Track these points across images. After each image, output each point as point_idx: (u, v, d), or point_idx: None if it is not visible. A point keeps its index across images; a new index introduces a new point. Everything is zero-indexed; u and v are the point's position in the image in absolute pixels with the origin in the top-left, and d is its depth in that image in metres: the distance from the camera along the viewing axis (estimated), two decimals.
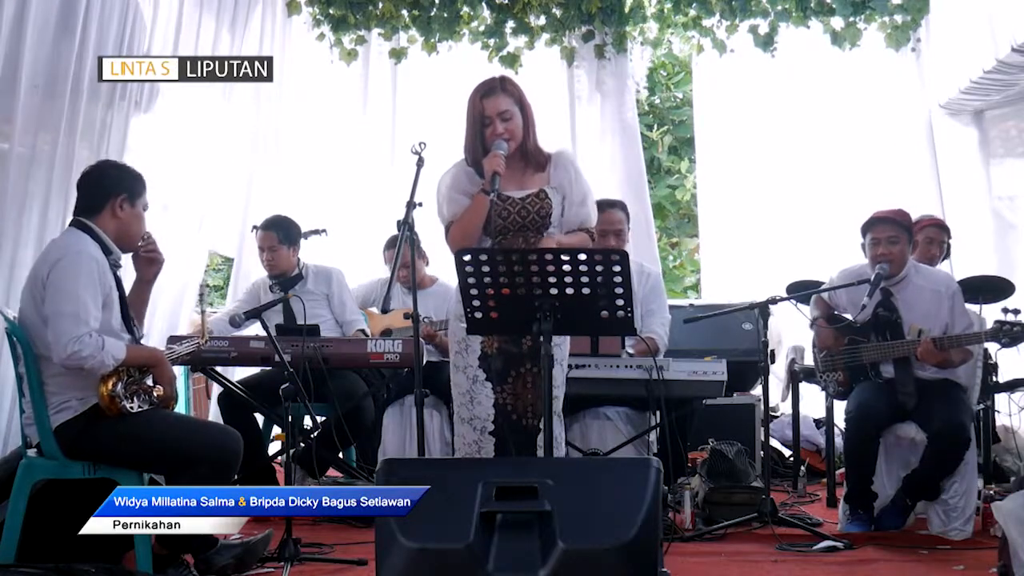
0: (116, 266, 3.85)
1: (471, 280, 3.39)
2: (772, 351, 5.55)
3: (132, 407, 3.67)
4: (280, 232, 5.66)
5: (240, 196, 7.07)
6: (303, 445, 4.92)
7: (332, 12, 7.48)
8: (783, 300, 4.84)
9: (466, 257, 3.40)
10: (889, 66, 7.35)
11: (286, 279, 5.67)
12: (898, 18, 7.26)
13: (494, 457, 3.81)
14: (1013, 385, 5.90)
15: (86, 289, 3.63)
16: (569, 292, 3.35)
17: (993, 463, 5.70)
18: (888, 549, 4.43)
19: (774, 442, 6.21)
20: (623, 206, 5.11)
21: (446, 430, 5.15)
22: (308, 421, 4.85)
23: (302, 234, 5.77)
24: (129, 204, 3.85)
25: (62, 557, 3.68)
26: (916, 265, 4.91)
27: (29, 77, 4.74)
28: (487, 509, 2.87)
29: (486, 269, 3.38)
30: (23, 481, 3.77)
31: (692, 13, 7.45)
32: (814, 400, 6.14)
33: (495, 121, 3.85)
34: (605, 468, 3.30)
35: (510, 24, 7.49)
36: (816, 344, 5.02)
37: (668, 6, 7.50)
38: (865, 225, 4.86)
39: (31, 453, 3.81)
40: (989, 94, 6.57)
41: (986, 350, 5.35)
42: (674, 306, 5.42)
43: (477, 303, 3.43)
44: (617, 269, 3.33)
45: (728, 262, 7.65)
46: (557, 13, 7.47)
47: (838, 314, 4.97)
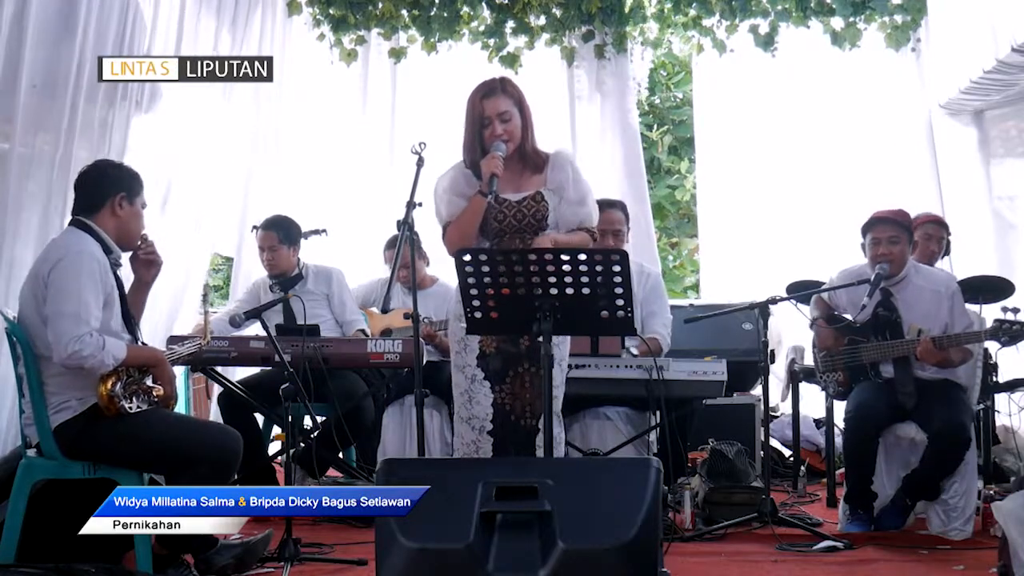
0: (116, 265, 3.86)
1: (471, 280, 3.39)
2: (772, 351, 5.56)
3: (131, 407, 3.67)
4: (280, 232, 5.66)
5: (240, 196, 7.06)
6: (303, 445, 4.92)
7: (332, 12, 7.48)
8: (783, 300, 4.84)
9: (466, 257, 3.40)
10: (889, 66, 7.35)
11: (286, 279, 5.67)
12: (898, 18, 7.26)
13: (494, 457, 3.81)
14: (1013, 385, 5.89)
15: (87, 289, 3.64)
16: (569, 292, 3.35)
17: (993, 463, 5.69)
18: (888, 549, 4.42)
19: (774, 442, 6.20)
20: (623, 206, 5.11)
21: (446, 430, 5.15)
22: (308, 421, 4.86)
23: (302, 234, 5.77)
24: (128, 202, 3.86)
25: (62, 557, 3.68)
26: (916, 265, 4.91)
27: (29, 77, 4.74)
28: (487, 509, 2.87)
29: (486, 269, 3.37)
30: (23, 481, 3.77)
31: (692, 13, 7.45)
32: (814, 400, 6.14)
33: (494, 122, 3.84)
34: (605, 468, 3.30)
35: (510, 24, 7.49)
36: (816, 344, 5.02)
37: (668, 6, 7.49)
38: (865, 225, 4.86)
39: (31, 453, 3.81)
40: (989, 94, 6.56)
41: (986, 350, 5.35)
42: (674, 306, 5.41)
43: (477, 303, 3.42)
44: (617, 269, 3.32)
45: (728, 262, 7.65)
46: (557, 13, 7.46)
47: (838, 314, 4.97)
